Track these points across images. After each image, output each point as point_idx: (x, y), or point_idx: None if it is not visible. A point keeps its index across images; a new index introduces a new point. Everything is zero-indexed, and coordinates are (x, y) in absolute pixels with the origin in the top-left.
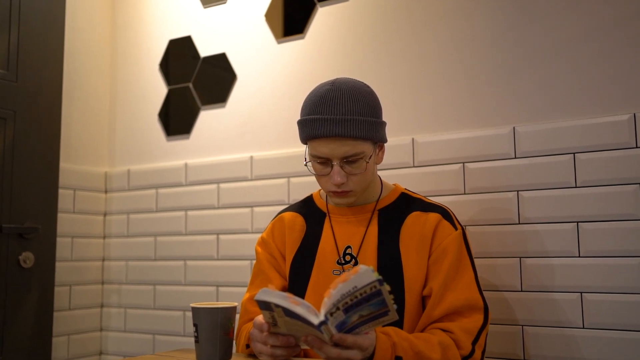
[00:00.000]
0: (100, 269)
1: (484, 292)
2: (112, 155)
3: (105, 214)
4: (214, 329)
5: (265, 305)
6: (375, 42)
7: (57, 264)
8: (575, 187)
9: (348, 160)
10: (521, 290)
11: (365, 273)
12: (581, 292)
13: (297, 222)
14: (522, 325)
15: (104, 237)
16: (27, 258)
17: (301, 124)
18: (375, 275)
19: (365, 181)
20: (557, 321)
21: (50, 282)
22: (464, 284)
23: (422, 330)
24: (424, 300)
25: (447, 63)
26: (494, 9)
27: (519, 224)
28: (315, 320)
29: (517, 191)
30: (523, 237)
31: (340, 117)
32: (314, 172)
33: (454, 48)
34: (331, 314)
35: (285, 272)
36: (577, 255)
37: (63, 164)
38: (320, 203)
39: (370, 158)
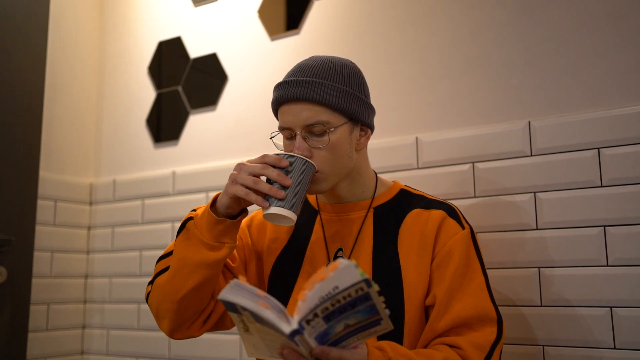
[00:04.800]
0: (83, 286)
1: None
2: (97, 164)
3: (89, 228)
4: (303, 182)
5: (231, 307)
6: (374, 36)
7: (34, 280)
8: (601, 186)
9: (311, 131)
10: (541, 305)
11: (346, 269)
12: (611, 307)
13: None
14: (543, 346)
15: (88, 252)
16: None
17: (273, 95)
18: (359, 273)
19: (336, 164)
20: (583, 340)
21: (25, 299)
22: (473, 291)
23: (426, 346)
24: (427, 311)
25: (451, 55)
26: None
27: (537, 229)
28: (287, 329)
29: (534, 193)
30: (542, 244)
31: (306, 79)
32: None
33: (457, 38)
34: (307, 322)
35: (243, 272)
36: (605, 264)
37: (44, 173)
38: (312, 198)
39: (335, 130)
